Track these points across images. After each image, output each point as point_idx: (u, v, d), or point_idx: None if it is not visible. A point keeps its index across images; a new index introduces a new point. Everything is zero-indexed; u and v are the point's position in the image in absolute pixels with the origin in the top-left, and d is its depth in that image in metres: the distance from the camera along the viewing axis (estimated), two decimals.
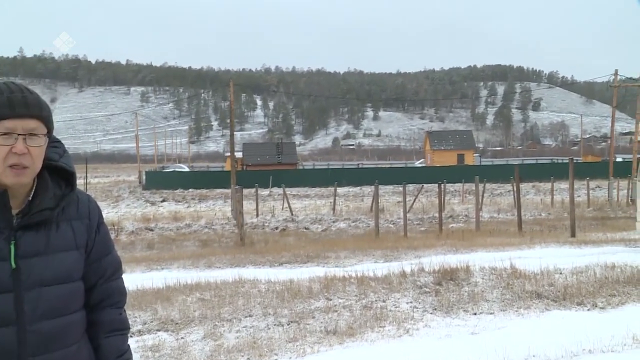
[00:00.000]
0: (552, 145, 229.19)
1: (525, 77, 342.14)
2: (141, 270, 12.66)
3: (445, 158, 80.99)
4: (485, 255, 11.72)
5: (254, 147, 76.23)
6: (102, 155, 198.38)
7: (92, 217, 2.26)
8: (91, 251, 2.25)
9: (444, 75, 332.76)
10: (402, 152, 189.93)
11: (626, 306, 7.23)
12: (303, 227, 26.84)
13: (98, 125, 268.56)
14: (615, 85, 36.74)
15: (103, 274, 2.29)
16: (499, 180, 53.36)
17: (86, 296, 2.25)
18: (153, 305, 7.88)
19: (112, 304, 2.30)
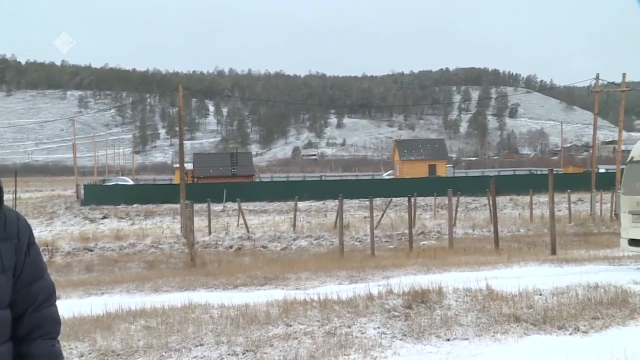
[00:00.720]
0: (531, 155, 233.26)
1: (501, 81, 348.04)
2: (78, 295, 12.45)
3: (415, 169, 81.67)
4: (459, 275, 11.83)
5: (205, 158, 75.78)
6: (34, 167, 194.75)
7: (22, 236, 2.19)
8: (20, 275, 2.18)
9: (414, 79, 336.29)
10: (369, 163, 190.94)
11: (610, 330, 7.36)
12: (260, 245, 26.73)
13: (29, 134, 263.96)
14: (597, 90, 37.55)
15: (34, 300, 2.21)
16: (474, 193, 53.99)
17: (14, 326, 2.16)
18: (92, 335, 7.74)
19: (44, 334, 2.22)
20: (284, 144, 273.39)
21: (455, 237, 24.18)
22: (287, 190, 57.64)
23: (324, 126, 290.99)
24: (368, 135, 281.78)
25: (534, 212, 36.08)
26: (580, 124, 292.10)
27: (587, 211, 37.60)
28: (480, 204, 46.98)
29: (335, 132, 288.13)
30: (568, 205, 36.05)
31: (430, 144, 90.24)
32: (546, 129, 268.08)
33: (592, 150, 43.00)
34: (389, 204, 35.85)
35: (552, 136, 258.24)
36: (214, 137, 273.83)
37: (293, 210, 35.47)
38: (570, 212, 34.72)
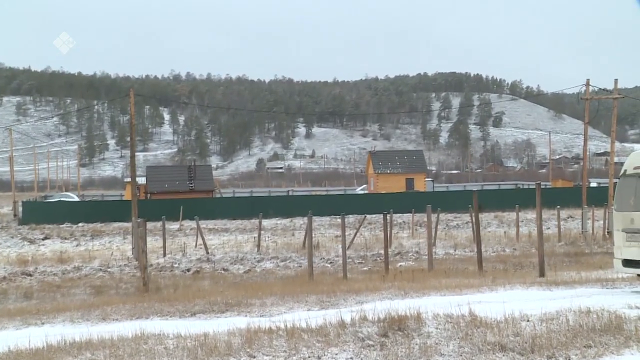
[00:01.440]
0: (517, 167, 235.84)
1: (484, 87, 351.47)
2: (15, 326, 12.26)
3: (391, 183, 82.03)
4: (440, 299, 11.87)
5: (160, 171, 75.28)
6: None
7: None
8: None
9: (389, 85, 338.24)
10: (341, 176, 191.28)
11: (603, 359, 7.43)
12: (221, 268, 26.60)
13: None
14: (587, 97, 38.03)
15: None
16: (456, 209, 54.37)
17: None
18: None
19: None
20: (247, 156, 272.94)
21: (435, 257, 24.27)
22: (250, 207, 57.49)
23: (291, 136, 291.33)
24: (339, 146, 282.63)
25: (520, 230, 36.41)
26: (569, 134, 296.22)
27: (578, 229, 38.05)
28: (462, 222, 47.30)
29: (303, 143, 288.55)
30: (557, 222, 36.46)
31: (408, 156, 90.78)
32: (533, 139, 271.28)
33: (583, 163, 43.55)
34: (363, 222, 35.94)
35: (540, 147, 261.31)
36: (169, 148, 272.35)
37: (257, 229, 35.36)
38: (560, 230, 35.12)
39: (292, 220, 53.63)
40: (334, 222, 48.98)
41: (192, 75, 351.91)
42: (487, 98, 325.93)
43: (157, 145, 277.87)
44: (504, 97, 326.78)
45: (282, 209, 58.04)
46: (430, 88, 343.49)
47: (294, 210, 56.68)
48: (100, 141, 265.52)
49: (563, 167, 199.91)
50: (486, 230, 40.17)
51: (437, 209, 38.03)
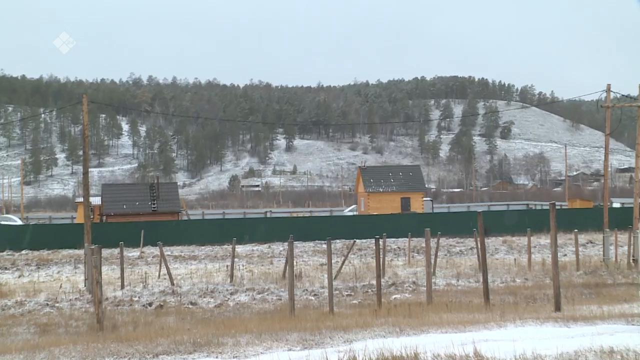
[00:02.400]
0: (528, 185, 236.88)
1: (491, 93, 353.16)
2: None
3: (384, 203, 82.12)
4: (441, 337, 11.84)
5: (118, 190, 75.00)
6: None
7: None
8: None
9: (382, 91, 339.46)
10: (326, 196, 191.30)
11: None
12: (188, 301, 26.46)
13: None
14: (608, 105, 38.21)
15: None
16: (458, 233, 54.44)
17: None
18: None
19: None
20: (219, 172, 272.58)
21: (435, 289, 24.25)
22: (222, 231, 57.32)
23: (269, 149, 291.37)
24: (325, 161, 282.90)
25: (532, 257, 36.49)
26: (588, 147, 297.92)
27: (599, 256, 38.15)
28: (466, 247, 47.35)
29: (283, 157, 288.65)
30: (575, 248, 36.57)
31: (403, 172, 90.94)
32: (547, 153, 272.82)
33: (604, 180, 43.65)
34: (352, 248, 35.89)
35: (554, 162, 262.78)
36: (128, 164, 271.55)
37: (230, 257, 35.22)
38: (578, 258, 35.22)
39: (270, 246, 53.49)
40: (318, 248, 48.87)
41: (154, 80, 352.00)
42: (493, 106, 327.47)
43: (115, 159, 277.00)
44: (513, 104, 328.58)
45: (259, 233, 57.88)
46: (429, 94, 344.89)
47: (272, 235, 56.53)
48: (48, 155, 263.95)
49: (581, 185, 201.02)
50: (493, 257, 40.23)
51: (437, 232, 38.07)
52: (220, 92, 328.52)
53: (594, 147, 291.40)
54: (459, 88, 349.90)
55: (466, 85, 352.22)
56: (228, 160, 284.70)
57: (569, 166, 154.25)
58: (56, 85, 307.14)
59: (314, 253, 46.58)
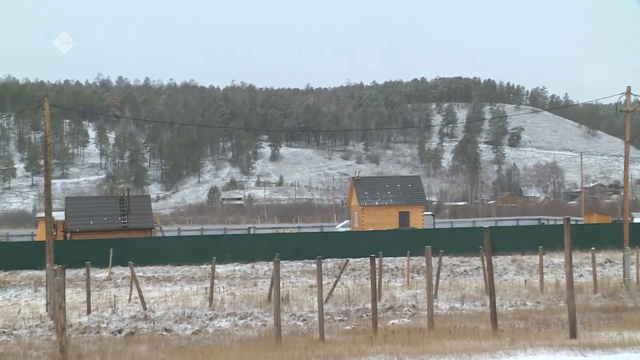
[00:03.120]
0: (540, 198, 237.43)
1: (498, 96, 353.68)
2: None
3: (381, 218, 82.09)
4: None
5: (84, 204, 74.78)
6: None
7: None
8: None
9: (378, 94, 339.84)
10: (316, 210, 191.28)
11: None
12: (162, 328, 26.35)
13: None
14: (628, 109, 38.28)
15: None
16: (463, 251, 54.50)
17: None
18: None
19: None
20: (197, 184, 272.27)
21: (437, 313, 24.23)
22: (201, 249, 57.20)
23: (252, 158, 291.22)
24: (314, 171, 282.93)
25: (545, 278, 36.51)
26: (606, 156, 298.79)
27: (618, 277, 38.19)
28: (471, 267, 47.38)
29: (268, 167, 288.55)
30: (592, 268, 36.60)
31: (402, 183, 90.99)
32: (560, 163, 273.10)
33: (624, 192, 43.72)
34: (345, 267, 35.87)
35: (569, 172, 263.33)
36: (95, 174, 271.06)
37: (209, 278, 35.14)
38: (596, 279, 35.25)
39: (254, 265, 53.41)
40: (307, 268, 48.83)
41: (125, 81, 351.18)
42: (501, 110, 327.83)
43: (80, 170, 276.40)
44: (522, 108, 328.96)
45: (242, 251, 57.81)
46: (429, 97, 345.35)
47: (256, 253, 56.49)
48: (5, 165, 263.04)
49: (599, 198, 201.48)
50: (502, 278, 40.25)
51: (440, 251, 38.09)
52: (198, 95, 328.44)
53: (612, 155, 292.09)
54: (462, 90, 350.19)
55: (471, 88, 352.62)
56: (207, 170, 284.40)
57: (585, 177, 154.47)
58: (14, 87, 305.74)
59: (302, 273, 46.54)
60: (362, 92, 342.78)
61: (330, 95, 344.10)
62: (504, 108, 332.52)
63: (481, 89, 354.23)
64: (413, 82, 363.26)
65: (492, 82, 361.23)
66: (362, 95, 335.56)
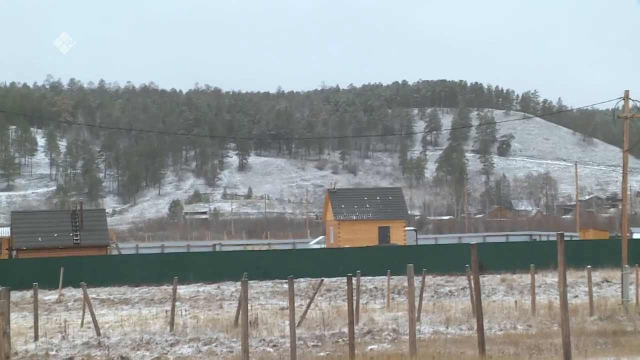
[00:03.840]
0: (532, 211, 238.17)
1: (486, 101, 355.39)
2: None
3: (358, 234, 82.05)
4: None
5: (32, 219, 74.21)
6: None
7: None
8: None
9: (355, 98, 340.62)
10: (288, 225, 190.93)
11: None
12: (118, 355, 26.22)
13: None
14: (627, 115, 38.42)
15: None
16: (448, 269, 54.56)
17: None
18: None
19: None
20: (157, 196, 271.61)
21: (419, 337, 24.22)
22: (161, 268, 56.98)
23: (218, 169, 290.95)
24: (286, 182, 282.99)
25: (537, 299, 36.63)
26: (603, 166, 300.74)
27: (616, 297, 38.36)
28: (457, 287, 47.46)
29: (235, 178, 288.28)
30: (588, 288, 36.71)
31: (381, 196, 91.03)
32: (554, 173, 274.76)
33: (622, 205, 43.84)
34: (319, 288, 35.83)
35: (563, 183, 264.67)
36: (44, 186, 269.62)
37: (171, 300, 35.01)
38: (592, 299, 35.38)
39: (219, 286, 53.26)
40: (278, 289, 48.75)
41: (77, 84, 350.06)
42: (489, 116, 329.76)
43: (28, 181, 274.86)
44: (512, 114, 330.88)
45: (206, 270, 57.58)
46: (412, 102, 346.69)
47: (222, 273, 56.28)
48: None
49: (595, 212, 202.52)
50: (490, 299, 40.34)
51: (423, 269, 38.10)
52: (158, 99, 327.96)
53: (609, 165, 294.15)
54: (447, 94, 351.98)
55: (456, 92, 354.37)
56: (168, 181, 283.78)
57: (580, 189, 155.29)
58: None
59: (272, 295, 46.46)
60: (338, 96, 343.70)
61: (303, 99, 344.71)
62: (492, 114, 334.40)
63: (468, 93, 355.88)
64: (394, 86, 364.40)
65: (479, 86, 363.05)
66: (338, 100, 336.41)
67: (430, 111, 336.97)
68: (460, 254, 53.45)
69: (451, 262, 54.61)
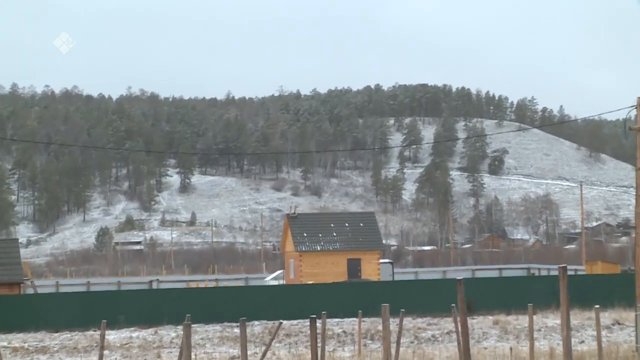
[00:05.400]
0: (529, 241, 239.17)
1: (475, 109, 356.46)
2: None
3: (324, 267, 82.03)
4: None
5: None
6: None
7: None
8: None
9: (319, 105, 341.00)
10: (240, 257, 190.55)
11: None
12: None
13: None
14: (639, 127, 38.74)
15: None
16: (430, 310, 54.68)
17: None
18: None
19: None
20: (81, 223, 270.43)
21: None
22: (87, 310, 56.66)
23: (155, 190, 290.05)
24: (237, 206, 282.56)
25: (536, 345, 36.82)
26: (613, 187, 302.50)
27: (629, 343, 38.62)
28: (440, 331, 47.58)
29: (176, 201, 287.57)
30: (597, 332, 36.94)
31: (351, 222, 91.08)
32: (555, 195, 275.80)
33: (636, 234, 44.02)
34: (277, 332, 35.87)
35: (566, 207, 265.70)
36: None
37: (98, 348, 34.92)
38: (601, 345, 35.58)
39: (157, 331, 53.09)
40: (228, 334, 48.69)
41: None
42: (479, 127, 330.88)
43: None
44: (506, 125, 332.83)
45: (141, 312, 57.36)
46: (387, 110, 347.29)
47: (160, 315, 56.07)
48: None
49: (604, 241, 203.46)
50: (481, 345, 40.49)
51: (400, 310, 38.11)
52: (83, 107, 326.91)
53: (620, 186, 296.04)
54: (429, 102, 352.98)
55: (440, 98, 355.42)
56: (95, 205, 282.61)
57: (586, 214, 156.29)
58: None
59: (221, 341, 46.42)
60: (300, 104, 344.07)
61: (257, 107, 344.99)
62: (482, 124, 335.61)
63: (453, 100, 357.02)
64: (365, 91, 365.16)
65: (466, 91, 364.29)
66: (300, 108, 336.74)
67: (409, 121, 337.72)
68: (445, 292, 53.69)
69: (434, 301, 54.77)
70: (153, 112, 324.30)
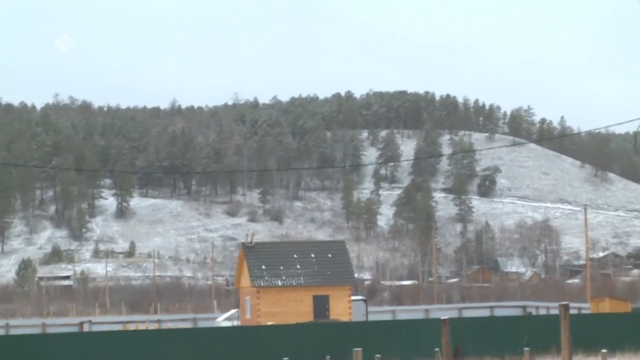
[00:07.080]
0: (526, 274, 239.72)
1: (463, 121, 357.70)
2: None
3: (286, 306, 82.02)
4: None
5: None
6: None
7: None
8: None
9: (280, 115, 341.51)
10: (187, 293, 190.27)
11: None
12: None
13: None
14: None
15: None
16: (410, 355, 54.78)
17: None
18: None
19: None
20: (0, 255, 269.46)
21: None
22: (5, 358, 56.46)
23: (87, 215, 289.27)
24: (184, 234, 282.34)
25: None
26: (622, 211, 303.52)
27: None
28: None
29: (112, 228, 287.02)
30: None
31: (318, 253, 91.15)
32: (555, 221, 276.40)
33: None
34: None
35: (568, 235, 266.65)
36: None
37: None
38: None
39: None
40: None
41: None
42: (467, 141, 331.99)
43: None
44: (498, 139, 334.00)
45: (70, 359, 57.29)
46: (359, 121, 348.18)
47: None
48: None
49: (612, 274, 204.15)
50: None
51: (375, 356, 38.30)
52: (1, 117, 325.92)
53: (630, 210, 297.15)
54: (409, 111, 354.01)
55: (421, 107, 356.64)
56: (15, 233, 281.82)
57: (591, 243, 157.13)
58: None
59: None
60: (257, 114, 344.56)
61: (207, 117, 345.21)
62: (470, 138, 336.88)
63: (437, 110, 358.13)
64: (334, 99, 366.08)
65: (452, 100, 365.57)
66: (257, 118, 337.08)
67: (386, 134, 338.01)
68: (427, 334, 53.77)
69: (415, 344, 54.93)
70: (85, 123, 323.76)
